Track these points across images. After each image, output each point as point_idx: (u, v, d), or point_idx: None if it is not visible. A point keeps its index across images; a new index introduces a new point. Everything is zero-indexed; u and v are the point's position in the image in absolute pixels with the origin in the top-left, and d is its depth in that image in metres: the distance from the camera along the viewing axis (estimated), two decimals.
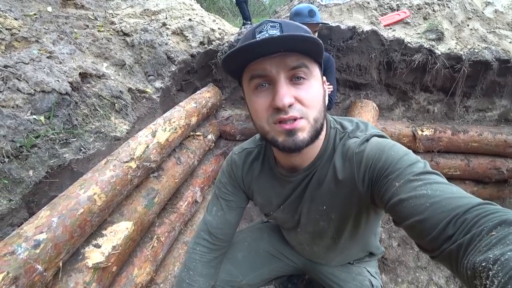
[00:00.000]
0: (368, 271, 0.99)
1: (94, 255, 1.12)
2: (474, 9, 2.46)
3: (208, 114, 2.13)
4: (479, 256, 0.38)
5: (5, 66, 1.26)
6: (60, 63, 1.46)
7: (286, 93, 0.58)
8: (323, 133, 0.72)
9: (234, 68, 0.64)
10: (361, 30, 1.95)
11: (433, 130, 2.09)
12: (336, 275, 0.99)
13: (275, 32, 0.58)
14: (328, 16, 2.52)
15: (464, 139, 2.11)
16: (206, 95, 2.09)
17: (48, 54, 1.46)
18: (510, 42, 2.22)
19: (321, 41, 0.58)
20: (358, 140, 0.70)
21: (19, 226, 0.99)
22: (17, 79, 1.24)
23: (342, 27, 1.94)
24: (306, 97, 0.60)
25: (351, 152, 0.69)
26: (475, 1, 2.55)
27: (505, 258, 0.35)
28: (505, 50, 2.11)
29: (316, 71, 0.63)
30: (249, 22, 3.70)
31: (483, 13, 2.42)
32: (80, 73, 1.47)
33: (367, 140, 0.69)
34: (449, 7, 2.49)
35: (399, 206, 0.53)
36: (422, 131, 2.09)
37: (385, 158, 0.61)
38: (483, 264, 0.36)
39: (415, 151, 2.28)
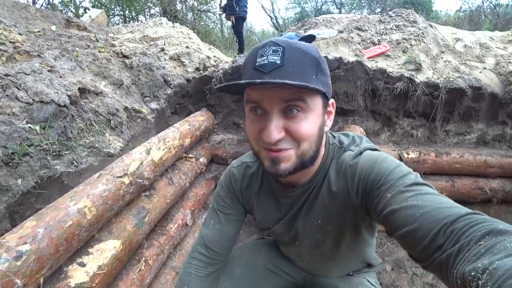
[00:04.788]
0: (369, 281, 0.98)
1: (78, 274, 1.03)
2: (446, 44, 2.72)
3: (201, 137, 2.14)
4: (468, 265, 0.39)
5: (6, 75, 1.25)
6: (61, 77, 1.47)
7: (274, 130, 0.58)
8: (322, 152, 0.74)
9: (234, 90, 0.66)
10: (347, 61, 2.10)
11: (418, 153, 2.20)
12: (337, 286, 0.97)
13: (276, 59, 0.57)
14: None
15: (447, 161, 2.23)
16: (199, 118, 2.12)
17: (49, 68, 1.47)
18: (480, 72, 2.44)
19: (319, 87, 0.58)
20: (352, 153, 0.72)
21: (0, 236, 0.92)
22: (17, 88, 1.23)
23: (330, 57, 2.09)
24: (297, 130, 0.60)
25: (345, 165, 0.71)
26: (447, 37, 2.84)
27: (493, 267, 0.35)
28: (477, 78, 2.32)
29: (315, 103, 0.62)
30: (242, 54, 3.92)
31: (454, 47, 2.68)
32: (79, 88, 1.47)
33: (361, 153, 0.71)
34: (424, 42, 2.73)
35: (391, 216, 0.54)
36: (408, 154, 2.19)
37: (378, 170, 0.63)
38: (472, 273, 0.37)
39: None
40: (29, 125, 1.17)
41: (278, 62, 0.57)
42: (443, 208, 0.49)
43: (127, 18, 8.23)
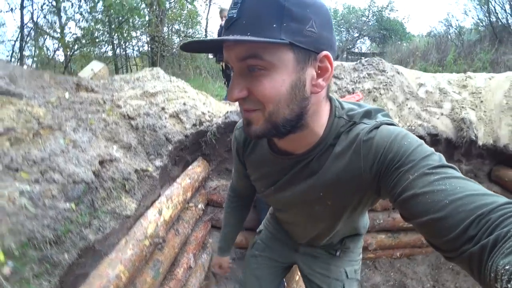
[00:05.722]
0: (346, 272, 1.16)
1: None
2: (410, 91, 3.15)
3: (199, 186, 2.44)
4: (502, 258, 0.36)
5: (42, 159, 1.51)
6: (83, 151, 1.73)
7: (234, 88, 0.57)
8: (317, 123, 0.68)
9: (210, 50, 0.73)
10: None
11: None
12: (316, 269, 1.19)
13: (233, 13, 0.54)
14: None
15: None
16: (197, 169, 2.42)
17: (72, 144, 1.74)
18: (437, 118, 2.88)
19: (282, 37, 0.51)
20: (367, 126, 0.65)
21: None
22: (52, 171, 1.50)
23: None
24: (258, 90, 0.56)
25: (358, 140, 0.64)
26: (411, 83, 3.27)
27: None
28: (434, 126, 2.75)
29: (280, 58, 0.54)
30: None
31: (417, 94, 3.10)
32: (99, 161, 1.75)
33: (377, 127, 0.64)
34: (392, 90, 3.15)
35: (412, 201, 0.50)
36: None
37: (397, 148, 0.57)
38: (506, 267, 0.35)
39: (374, 210, 2.72)
40: (67, 204, 1.43)
41: (235, 16, 0.53)
42: (476, 195, 0.45)
43: (115, 45, 8.45)
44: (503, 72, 6.72)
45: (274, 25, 0.51)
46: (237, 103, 0.66)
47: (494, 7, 9.59)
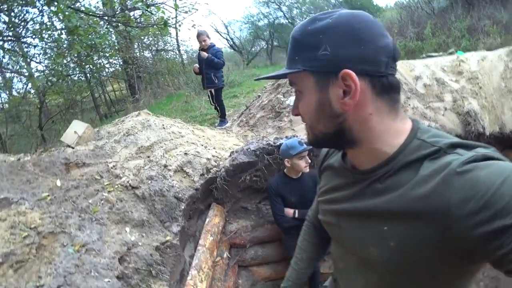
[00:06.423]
0: None
1: None
2: (410, 88, 3.05)
3: (221, 236, 2.32)
4: None
5: (58, 286, 1.36)
6: (98, 254, 1.58)
7: (293, 107, 0.70)
8: (390, 141, 0.61)
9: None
10: None
11: None
12: None
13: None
14: (298, 117, 2.95)
15: None
16: (215, 220, 2.29)
17: (84, 249, 1.58)
18: (443, 115, 2.80)
19: (296, 66, 0.62)
20: (462, 157, 0.51)
21: None
22: None
23: None
24: (300, 109, 0.67)
25: (449, 170, 0.50)
26: (408, 78, 3.16)
27: None
28: (442, 125, 2.67)
29: (304, 82, 0.63)
30: (225, 119, 4.04)
31: (416, 89, 3.01)
32: (118, 259, 1.60)
33: (479, 159, 0.50)
34: None
35: None
36: None
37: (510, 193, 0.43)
38: None
39: None
40: None
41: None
42: None
43: (88, 76, 8.01)
44: (481, 39, 6.64)
45: (296, 58, 0.62)
46: (234, 130, 0.86)
47: None
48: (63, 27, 4.93)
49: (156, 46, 9.72)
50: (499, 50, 3.00)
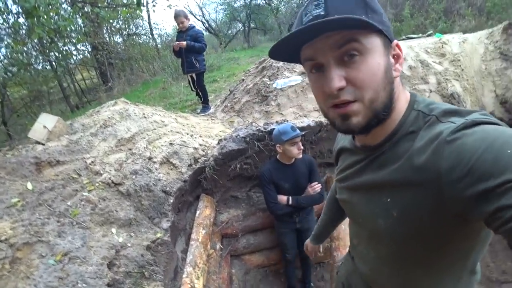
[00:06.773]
0: None
1: None
2: None
3: (212, 227, 2.23)
4: None
5: None
6: (84, 262, 1.45)
7: (333, 78, 0.55)
8: (396, 112, 0.63)
9: (286, 56, 0.64)
10: (325, 123, 2.29)
11: None
12: None
13: (319, 11, 0.55)
14: (286, 100, 2.85)
15: None
16: (206, 212, 2.19)
17: (66, 258, 1.44)
18: (428, 97, 2.81)
19: (366, 18, 0.53)
20: (453, 125, 0.53)
21: None
22: None
23: (312, 124, 2.26)
24: (358, 77, 0.55)
25: (440, 139, 0.52)
26: None
27: None
28: None
29: (372, 42, 0.56)
30: (208, 105, 3.85)
31: (402, 71, 2.99)
32: (107, 264, 1.48)
33: (468, 126, 0.51)
34: None
35: None
36: None
37: (495, 155, 0.44)
38: None
39: None
40: None
41: (322, 13, 0.54)
42: None
43: (54, 64, 7.35)
44: (457, 21, 6.68)
45: (363, 16, 0.54)
46: (218, 115, 0.77)
47: None
48: (19, 9, 4.44)
49: (127, 30, 9.10)
50: (479, 33, 3.01)
